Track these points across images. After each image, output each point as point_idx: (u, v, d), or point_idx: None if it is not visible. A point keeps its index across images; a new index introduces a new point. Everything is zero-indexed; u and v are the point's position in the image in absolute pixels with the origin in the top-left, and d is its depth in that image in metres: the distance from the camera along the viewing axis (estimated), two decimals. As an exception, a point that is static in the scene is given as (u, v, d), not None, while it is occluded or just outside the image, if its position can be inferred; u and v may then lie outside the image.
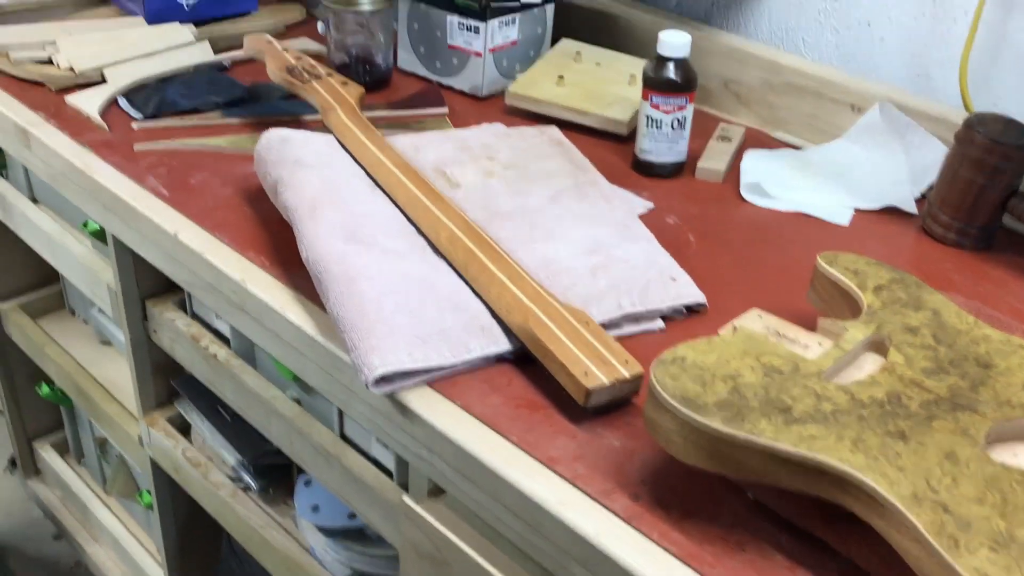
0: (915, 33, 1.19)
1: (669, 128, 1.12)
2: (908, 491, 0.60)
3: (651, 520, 0.68)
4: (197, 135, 1.19)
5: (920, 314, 0.77)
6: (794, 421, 0.65)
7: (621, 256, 0.93)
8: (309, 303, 0.90)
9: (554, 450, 0.74)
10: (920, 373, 0.71)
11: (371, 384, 0.78)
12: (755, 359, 0.70)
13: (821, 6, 1.26)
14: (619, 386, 0.76)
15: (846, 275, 0.82)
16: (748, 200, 1.11)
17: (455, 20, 1.29)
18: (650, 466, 0.73)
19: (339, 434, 1.04)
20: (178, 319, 1.19)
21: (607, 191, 1.06)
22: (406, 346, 0.79)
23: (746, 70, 1.28)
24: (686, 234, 1.03)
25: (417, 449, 0.81)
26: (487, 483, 0.74)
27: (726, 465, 0.65)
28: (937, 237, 1.05)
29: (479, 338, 0.82)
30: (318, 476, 1.06)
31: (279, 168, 0.98)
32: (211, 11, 1.43)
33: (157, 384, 1.33)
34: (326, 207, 0.93)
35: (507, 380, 0.81)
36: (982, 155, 0.99)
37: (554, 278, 0.89)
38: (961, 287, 0.97)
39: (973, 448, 0.64)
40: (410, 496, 0.87)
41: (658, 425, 0.67)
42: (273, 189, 0.98)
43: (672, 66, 1.09)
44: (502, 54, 1.31)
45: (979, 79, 1.16)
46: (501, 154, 1.11)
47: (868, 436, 0.64)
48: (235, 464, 1.29)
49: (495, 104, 1.31)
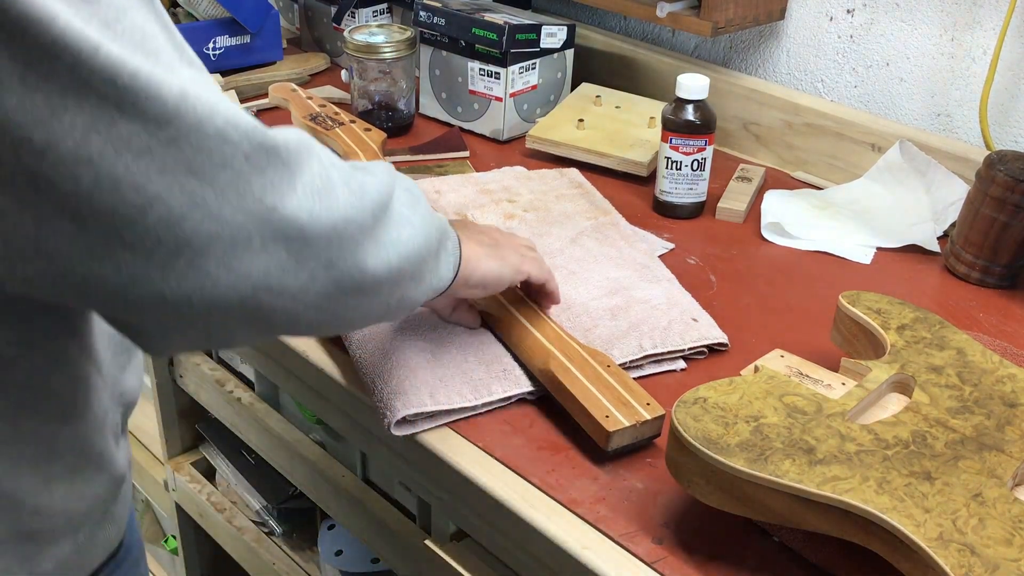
0: (934, 72, 1.20)
1: (689, 169, 1.12)
2: (934, 532, 0.60)
3: (674, 563, 0.68)
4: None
5: (944, 353, 0.77)
6: (818, 462, 0.64)
7: (642, 297, 0.93)
8: (332, 347, 0.90)
9: (576, 492, 0.74)
10: (945, 412, 0.70)
11: (393, 427, 0.78)
12: (778, 399, 0.69)
13: (839, 47, 1.27)
14: (640, 428, 0.76)
15: (869, 314, 0.81)
16: (769, 240, 1.11)
17: (476, 66, 1.31)
18: (673, 508, 0.73)
19: (362, 477, 1.04)
20: (203, 364, 1.20)
21: (627, 232, 1.06)
22: (427, 388, 0.80)
23: (765, 111, 1.29)
24: (707, 274, 1.04)
25: (439, 492, 0.81)
26: (509, 526, 0.74)
27: (749, 507, 0.65)
28: (960, 275, 1.04)
29: (501, 380, 0.82)
30: (341, 520, 1.06)
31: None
32: (237, 61, 1.46)
33: (183, 428, 1.34)
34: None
35: (529, 422, 0.81)
36: (1003, 193, 0.99)
37: (575, 320, 0.89)
38: (986, 326, 0.97)
39: (1000, 488, 0.63)
40: (433, 539, 0.87)
41: (680, 466, 0.67)
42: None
43: (691, 108, 1.10)
44: (522, 98, 1.33)
45: (1000, 117, 1.15)
46: (522, 196, 1.11)
47: (893, 477, 0.63)
48: (259, 508, 1.29)
49: (516, 147, 1.32)
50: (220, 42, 1.41)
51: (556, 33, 1.32)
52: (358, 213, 0.58)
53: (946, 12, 1.16)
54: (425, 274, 0.67)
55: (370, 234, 0.59)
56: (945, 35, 1.17)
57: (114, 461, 0.68)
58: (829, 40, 1.28)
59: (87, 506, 0.66)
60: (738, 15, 1.21)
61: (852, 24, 1.25)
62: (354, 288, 0.59)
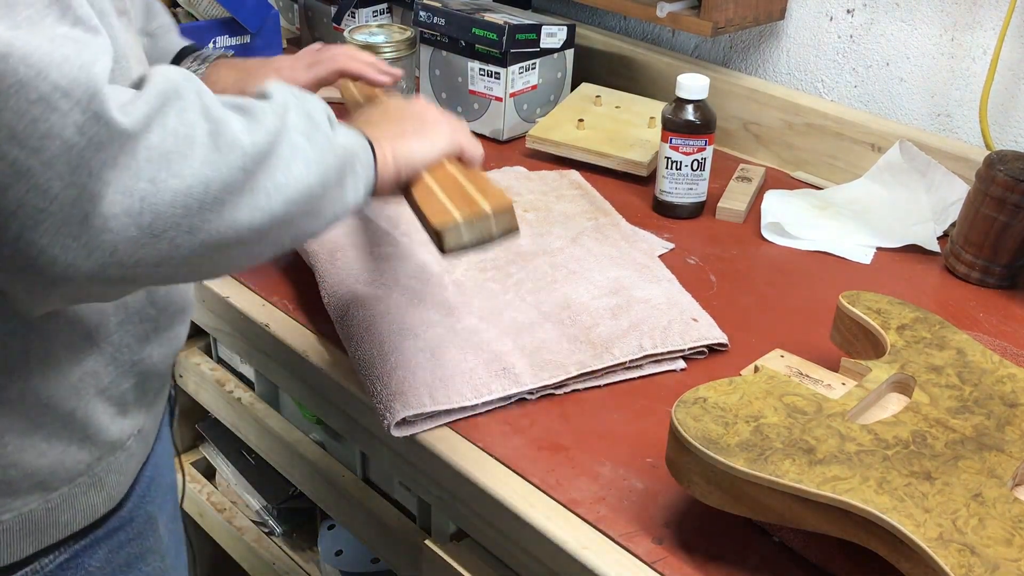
0: (934, 73, 1.20)
1: (689, 169, 1.12)
2: (934, 532, 0.59)
3: (674, 563, 0.68)
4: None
5: (944, 353, 0.77)
6: (818, 462, 0.64)
7: (642, 297, 0.93)
8: (332, 347, 0.90)
9: (576, 492, 0.74)
10: (945, 412, 0.70)
11: (392, 427, 0.78)
12: (778, 399, 0.69)
13: (839, 47, 1.27)
14: (479, 224, 0.68)
15: (869, 314, 0.81)
16: (769, 240, 1.11)
17: (476, 66, 1.30)
18: (673, 509, 0.73)
19: (362, 477, 1.04)
20: (203, 363, 1.20)
21: (628, 232, 1.06)
22: (427, 389, 0.80)
23: (765, 111, 1.29)
24: (707, 274, 1.04)
25: (439, 492, 0.81)
26: (509, 526, 0.74)
27: (749, 507, 0.65)
28: (960, 275, 1.04)
29: (501, 380, 0.82)
30: (341, 520, 1.06)
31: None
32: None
33: (183, 428, 1.34)
34: (346, 250, 0.94)
35: (529, 421, 0.81)
36: (1003, 193, 0.99)
37: (575, 318, 0.89)
38: (986, 326, 0.97)
39: (1000, 488, 0.63)
40: (433, 539, 0.87)
41: (680, 467, 0.67)
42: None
43: (691, 108, 1.10)
44: (522, 99, 1.33)
45: (1000, 117, 1.15)
46: (522, 197, 1.11)
47: (893, 477, 0.63)
48: (259, 508, 1.29)
49: (516, 148, 1.32)
50: (220, 42, 1.41)
51: (556, 33, 1.32)
52: (219, 172, 0.54)
53: (946, 12, 1.16)
54: (324, 207, 0.62)
55: (240, 189, 0.55)
56: (945, 35, 1.17)
57: (101, 428, 0.67)
58: (829, 40, 1.28)
59: (51, 464, 0.65)
60: (738, 15, 1.21)
61: (852, 24, 1.25)
62: (231, 243, 0.55)
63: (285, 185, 0.58)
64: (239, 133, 0.56)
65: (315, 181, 0.60)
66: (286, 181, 0.58)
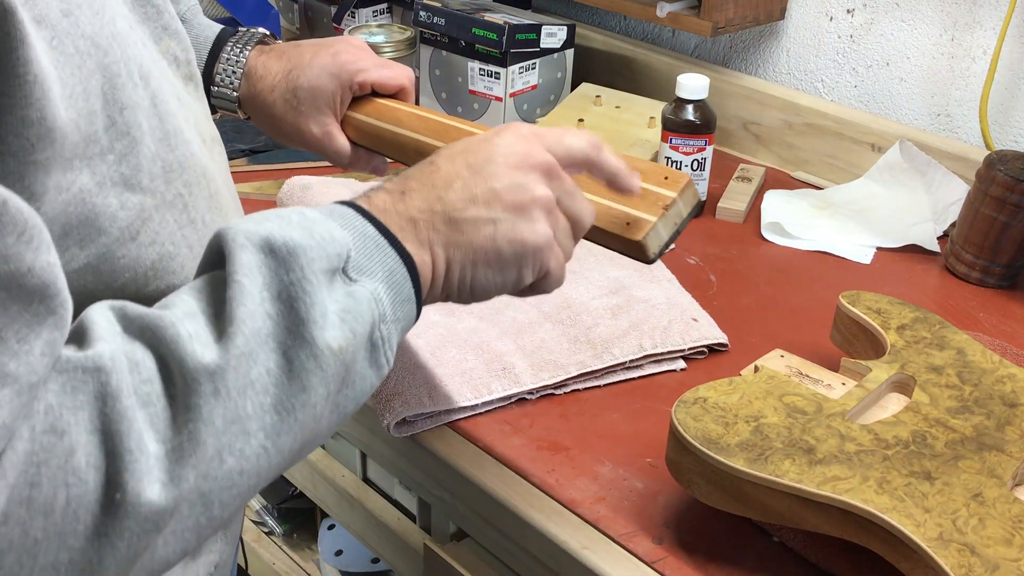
0: (934, 72, 1.20)
1: (689, 169, 1.12)
2: (934, 532, 0.60)
3: (674, 563, 0.68)
4: (222, 181, 1.21)
5: (944, 353, 0.77)
6: (818, 462, 0.64)
7: (642, 297, 0.93)
8: (332, 346, 0.90)
9: (576, 492, 0.74)
10: (945, 412, 0.70)
11: (392, 427, 0.78)
12: (778, 399, 0.69)
13: (839, 47, 1.27)
14: (672, 212, 0.60)
15: (869, 314, 0.81)
16: (769, 240, 1.11)
17: (476, 66, 1.30)
18: (673, 509, 0.73)
19: (362, 477, 1.04)
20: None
21: (628, 232, 1.06)
22: (426, 389, 0.80)
23: (765, 111, 1.29)
24: (707, 274, 1.04)
25: (439, 492, 0.81)
26: (509, 525, 0.74)
27: (750, 507, 0.65)
28: (960, 275, 1.04)
29: (500, 379, 0.82)
30: (341, 520, 1.06)
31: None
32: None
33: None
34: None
35: (529, 421, 0.81)
36: (1003, 193, 0.99)
37: (575, 318, 0.89)
38: (986, 326, 0.97)
39: (1000, 488, 0.63)
40: (433, 539, 0.87)
41: (680, 467, 0.67)
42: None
43: (691, 108, 1.10)
44: (522, 98, 1.33)
45: (999, 117, 1.15)
46: (522, 197, 1.11)
47: (893, 477, 0.63)
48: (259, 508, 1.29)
49: (516, 148, 1.32)
50: (220, 42, 1.41)
51: (556, 33, 1.32)
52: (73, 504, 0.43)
53: (946, 12, 1.16)
54: (330, 424, 0.52)
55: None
56: (945, 35, 1.17)
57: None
58: (829, 40, 1.28)
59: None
60: (738, 15, 1.21)
61: (852, 24, 1.25)
62: (145, 526, 0.45)
63: (236, 493, 0.47)
64: (145, 488, 0.44)
65: (293, 445, 0.49)
66: (238, 483, 0.47)
